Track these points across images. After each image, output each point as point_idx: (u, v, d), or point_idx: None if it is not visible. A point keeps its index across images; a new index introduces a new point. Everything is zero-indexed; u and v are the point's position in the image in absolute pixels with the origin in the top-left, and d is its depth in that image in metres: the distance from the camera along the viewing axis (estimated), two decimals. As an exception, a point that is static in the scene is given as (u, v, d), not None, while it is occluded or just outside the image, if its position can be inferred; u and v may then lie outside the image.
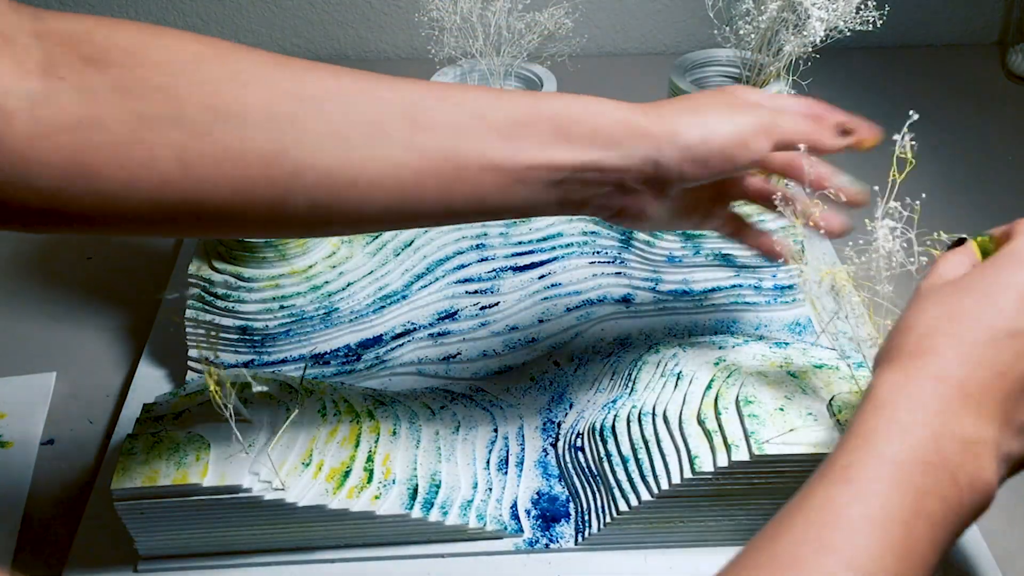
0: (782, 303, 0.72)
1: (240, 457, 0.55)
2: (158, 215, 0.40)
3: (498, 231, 0.73)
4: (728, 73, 0.72)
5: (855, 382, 0.55)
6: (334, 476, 0.56)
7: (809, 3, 0.59)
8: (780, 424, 0.53)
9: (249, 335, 0.67)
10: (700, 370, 0.59)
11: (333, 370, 0.69)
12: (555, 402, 0.67)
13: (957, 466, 0.35)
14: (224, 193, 0.39)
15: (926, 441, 0.35)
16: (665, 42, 1.17)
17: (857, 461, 0.35)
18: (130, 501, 0.54)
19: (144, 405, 0.58)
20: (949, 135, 0.98)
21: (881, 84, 1.09)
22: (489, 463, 0.61)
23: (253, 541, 0.57)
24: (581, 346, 0.72)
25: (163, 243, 0.87)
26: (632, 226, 0.52)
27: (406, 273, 0.71)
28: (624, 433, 0.58)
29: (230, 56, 0.41)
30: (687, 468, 0.54)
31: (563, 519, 0.59)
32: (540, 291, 0.73)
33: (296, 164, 0.40)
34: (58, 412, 0.70)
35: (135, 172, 0.38)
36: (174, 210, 0.40)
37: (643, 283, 0.73)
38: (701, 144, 0.45)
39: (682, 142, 0.45)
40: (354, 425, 0.59)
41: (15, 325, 0.79)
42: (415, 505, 0.56)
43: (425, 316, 0.71)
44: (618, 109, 0.45)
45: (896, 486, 0.34)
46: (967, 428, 0.36)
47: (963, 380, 0.37)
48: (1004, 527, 0.59)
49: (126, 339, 0.77)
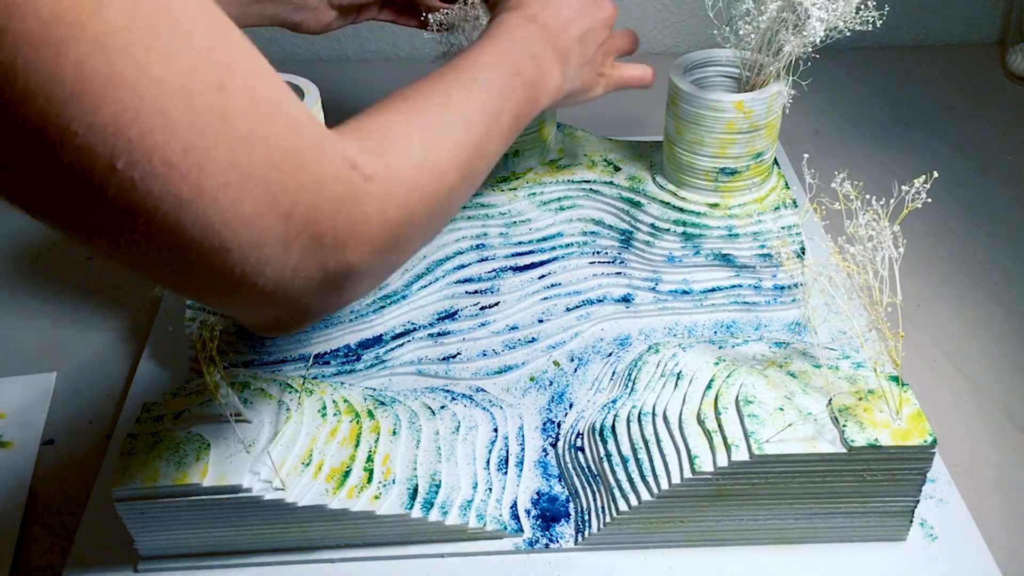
0: (782, 303, 0.72)
1: (240, 457, 0.55)
2: None
3: (498, 231, 0.73)
4: (728, 73, 0.72)
5: (855, 382, 0.55)
6: (334, 476, 0.56)
7: (809, 3, 0.59)
8: (780, 424, 0.53)
9: (249, 335, 0.67)
10: (700, 370, 0.59)
11: (333, 370, 0.68)
12: (555, 402, 0.67)
13: (531, 63, 0.54)
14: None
15: (512, 48, 0.53)
16: (665, 42, 1.17)
17: (466, 58, 0.51)
18: (130, 501, 0.54)
19: (144, 405, 0.58)
20: (949, 135, 0.98)
21: (881, 84, 1.09)
22: (489, 463, 0.61)
23: (253, 541, 0.57)
24: (581, 346, 0.72)
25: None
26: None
27: (406, 273, 0.71)
28: (624, 433, 0.58)
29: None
30: (687, 468, 0.54)
31: (563, 519, 0.59)
32: (540, 291, 0.73)
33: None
34: (58, 412, 0.70)
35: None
36: None
37: (643, 283, 0.73)
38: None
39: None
40: (354, 425, 0.59)
41: (15, 325, 0.79)
42: (415, 505, 0.56)
43: (425, 316, 0.71)
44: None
45: (492, 68, 0.51)
46: (537, 47, 0.55)
47: (542, 22, 0.56)
48: (1004, 527, 0.59)
49: (126, 339, 0.77)
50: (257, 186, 0.32)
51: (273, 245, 0.34)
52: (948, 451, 0.63)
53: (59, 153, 0.28)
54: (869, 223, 0.51)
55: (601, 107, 1.03)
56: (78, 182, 0.29)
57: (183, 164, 0.30)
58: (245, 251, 0.33)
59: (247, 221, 0.33)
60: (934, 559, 0.56)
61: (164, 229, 0.31)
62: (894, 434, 0.51)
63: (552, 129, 0.76)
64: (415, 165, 0.41)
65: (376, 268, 0.40)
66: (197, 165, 0.30)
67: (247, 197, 0.32)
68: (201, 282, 0.35)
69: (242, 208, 0.32)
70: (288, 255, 0.35)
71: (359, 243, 0.37)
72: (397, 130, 0.42)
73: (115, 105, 0.28)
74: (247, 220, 0.33)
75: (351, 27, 1.13)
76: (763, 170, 0.70)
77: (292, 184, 0.34)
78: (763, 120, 0.67)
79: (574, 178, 0.74)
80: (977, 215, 0.86)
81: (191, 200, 0.31)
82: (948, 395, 0.68)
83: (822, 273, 0.55)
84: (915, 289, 0.77)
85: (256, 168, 0.32)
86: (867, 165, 0.92)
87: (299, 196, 0.34)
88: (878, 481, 0.53)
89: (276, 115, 0.33)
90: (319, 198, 0.35)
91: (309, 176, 0.34)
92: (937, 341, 0.73)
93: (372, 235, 0.38)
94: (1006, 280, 0.79)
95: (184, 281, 0.35)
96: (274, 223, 0.33)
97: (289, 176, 0.33)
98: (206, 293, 0.36)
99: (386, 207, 0.39)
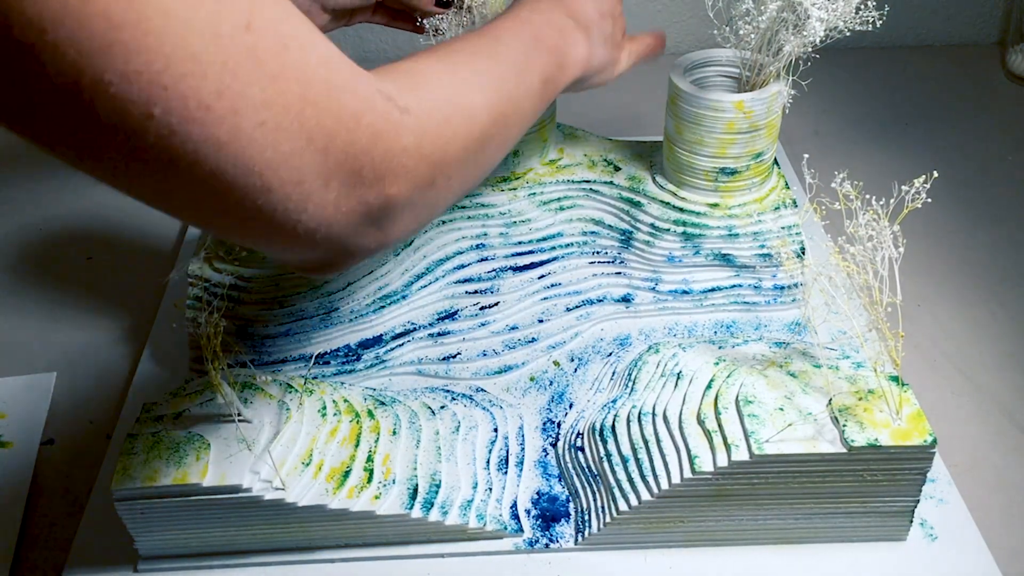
0: (782, 303, 0.72)
1: (240, 457, 0.55)
2: None
3: (498, 231, 0.73)
4: (728, 73, 0.72)
5: (855, 382, 0.55)
6: (334, 476, 0.56)
7: (809, 3, 0.59)
8: (780, 424, 0.53)
9: (249, 335, 0.67)
10: (700, 370, 0.59)
11: (333, 370, 0.69)
12: (555, 402, 0.67)
13: (554, 32, 0.54)
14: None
15: (531, 19, 0.53)
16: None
17: (487, 27, 0.51)
18: (130, 501, 0.54)
19: (144, 405, 0.58)
20: (949, 135, 0.98)
21: (881, 84, 1.09)
22: (489, 463, 0.61)
23: (253, 541, 0.57)
24: (581, 346, 0.72)
25: (163, 243, 0.87)
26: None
27: (406, 273, 0.71)
28: (624, 433, 0.58)
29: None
30: (687, 468, 0.54)
31: (563, 519, 0.59)
32: (540, 291, 0.73)
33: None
34: (58, 412, 0.70)
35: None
36: None
37: (643, 283, 0.73)
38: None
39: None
40: (354, 425, 0.59)
41: (15, 325, 0.79)
42: (415, 505, 0.56)
43: (425, 316, 0.71)
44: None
45: (514, 34, 0.51)
46: (557, 17, 0.55)
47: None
48: (1004, 527, 0.59)
49: (126, 339, 0.77)
50: (293, 123, 0.33)
51: (313, 181, 0.34)
52: (948, 451, 0.63)
53: (96, 104, 0.28)
54: (869, 223, 0.51)
55: (601, 107, 1.04)
56: (117, 131, 0.29)
57: (218, 107, 0.30)
58: (287, 189, 0.34)
59: (286, 158, 0.33)
60: (934, 559, 0.56)
61: (206, 173, 0.31)
62: (894, 434, 0.51)
63: (552, 129, 0.76)
64: (447, 103, 0.42)
65: (415, 204, 0.40)
66: (232, 107, 0.30)
67: (284, 135, 0.32)
68: (247, 224, 0.35)
69: (280, 146, 0.32)
70: (328, 190, 0.35)
71: (397, 175, 0.38)
72: (428, 72, 0.43)
73: (146, 53, 0.28)
74: (286, 157, 0.33)
75: (351, 27, 1.13)
76: (763, 170, 0.70)
77: (328, 119, 0.34)
78: (763, 120, 0.67)
79: (574, 178, 0.74)
80: (977, 215, 0.86)
81: (229, 142, 0.31)
82: (948, 395, 0.68)
83: (822, 273, 0.55)
84: (915, 289, 0.77)
85: (291, 105, 0.32)
86: (867, 165, 0.92)
87: (335, 130, 0.34)
88: (878, 481, 0.53)
89: (306, 52, 0.33)
90: (355, 131, 0.35)
91: (345, 110, 0.35)
92: (937, 341, 0.73)
93: (409, 168, 0.38)
94: (1006, 280, 0.79)
95: (230, 224, 0.35)
96: (312, 159, 0.34)
97: (324, 111, 0.34)
98: (252, 234, 0.37)
99: (422, 140, 0.39)
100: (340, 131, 0.35)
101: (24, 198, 0.95)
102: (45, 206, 0.93)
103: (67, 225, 0.91)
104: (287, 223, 0.35)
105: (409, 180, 0.39)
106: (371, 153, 0.36)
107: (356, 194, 0.36)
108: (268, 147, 0.32)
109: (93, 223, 0.91)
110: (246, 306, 0.67)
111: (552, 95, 0.54)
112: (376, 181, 0.37)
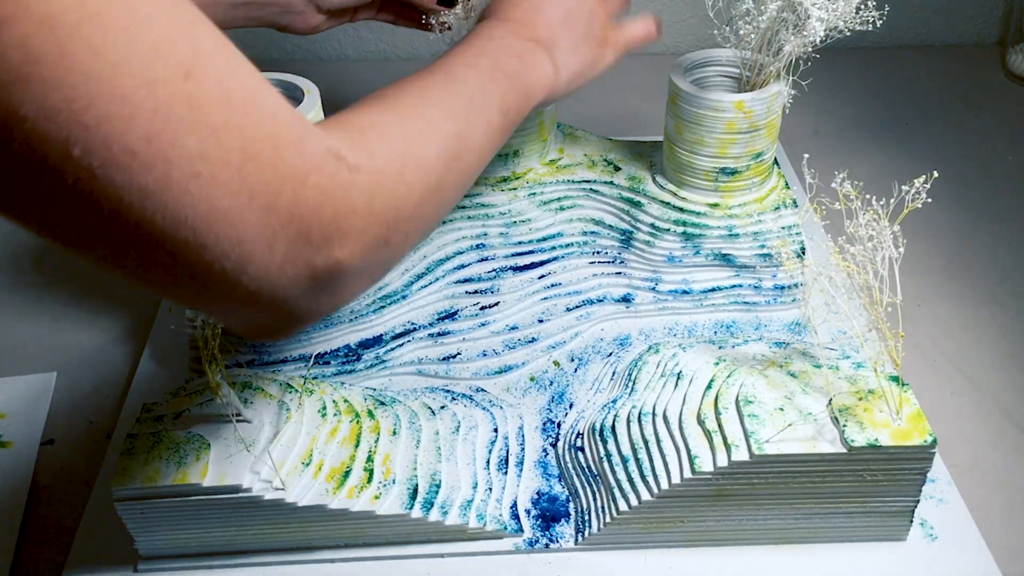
0: (782, 303, 0.72)
1: (240, 457, 0.55)
2: None
3: (498, 231, 0.73)
4: (728, 73, 0.72)
5: (855, 382, 0.55)
6: (334, 476, 0.56)
7: (809, 3, 0.59)
8: (780, 424, 0.53)
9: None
10: (700, 370, 0.59)
11: (333, 370, 0.69)
12: (555, 402, 0.67)
13: (511, 58, 0.53)
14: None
15: (487, 47, 0.53)
16: (665, 42, 1.17)
17: (440, 61, 0.50)
18: (130, 501, 0.54)
19: (144, 405, 0.58)
20: (949, 135, 0.98)
21: (881, 84, 1.09)
22: (489, 463, 0.61)
23: (253, 541, 0.57)
24: (581, 346, 0.72)
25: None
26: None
27: (406, 273, 0.71)
28: (624, 433, 0.58)
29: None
30: (687, 468, 0.54)
31: (563, 519, 0.59)
32: (540, 291, 0.73)
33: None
34: (58, 412, 0.70)
35: None
36: None
37: (643, 283, 0.73)
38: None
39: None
40: (354, 425, 0.59)
41: (15, 325, 0.79)
42: (415, 505, 0.56)
43: (425, 316, 0.71)
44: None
45: (468, 66, 0.50)
46: (514, 42, 0.54)
47: (517, 19, 0.56)
48: (1004, 527, 0.59)
49: (126, 339, 0.77)
50: (232, 178, 0.31)
51: (255, 241, 0.33)
52: (948, 451, 0.63)
53: (9, 138, 0.27)
54: (869, 223, 0.51)
55: (601, 107, 1.04)
56: (33, 170, 0.28)
57: (147, 153, 0.29)
58: (223, 247, 0.32)
59: (224, 215, 0.31)
60: (934, 559, 0.56)
61: (132, 222, 0.30)
62: (894, 434, 0.51)
63: (552, 129, 0.76)
64: (399, 157, 0.40)
65: (368, 266, 0.39)
66: (163, 155, 0.29)
67: (222, 190, 0.31)
68: (181, 283, 0.33)
69: (217, 201, 0.31)
70: (272, 252, 0.33)
71: (347, 238, 0.36)
72: (378, 124, 0.41)
73: (67, 89, 0.27)
74: (224, 214, 0.31)
75: (351, 27, 1.13)
76: (763, 170, 0.70)
77: (272, 176, 0.32)
78: (763, 120, 0.67)
79: (574, 178, 0.74)
80: (977, 215, 0.86)
81: (158, 192, 0.29)
82: (948, 395, 0.68)
83: (822, 273, 0.55)
84: (915, 289, 0.77)
85: (230, 159, 0.31)
86: (867, 165, 0.92)
87: (280, 189, 0.33)
88: (878, 481, 0.53)
89: (250, 105, 0.32)
90: (302, 190, 0.34)
91: (290, 168, 0.33)
92: (937, 341, 0.73)
93: (360, 229, 0.37)
94: (1006, 280, 0.79)
95: (163, 282, 0.34)
96: (254, 217, 0.32)
97: (268, 168, 0.32)
98: (187, 294, 0.35)
99: (373, 199, 0.37)
100: (285, 190, 0.33)
101: (24, 198, 0.95)
102: (45, 206, 0.93)
103: (67, 225, 0.91)
104: (226, 284, 0.33)
105: (359, 242, 0.37)
106: (319, 215, 0.34)
107: (303, 258, 0.34)
108: (202, 201, 0.30)
109: (93, 223, 0.91)
110: (246, 306, 0.67)
111: (515, 122, 0.52)
112: (324, 244, 0.35)
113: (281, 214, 0.33)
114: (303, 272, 0.35)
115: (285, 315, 0.37)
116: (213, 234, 0.31)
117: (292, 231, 0.34)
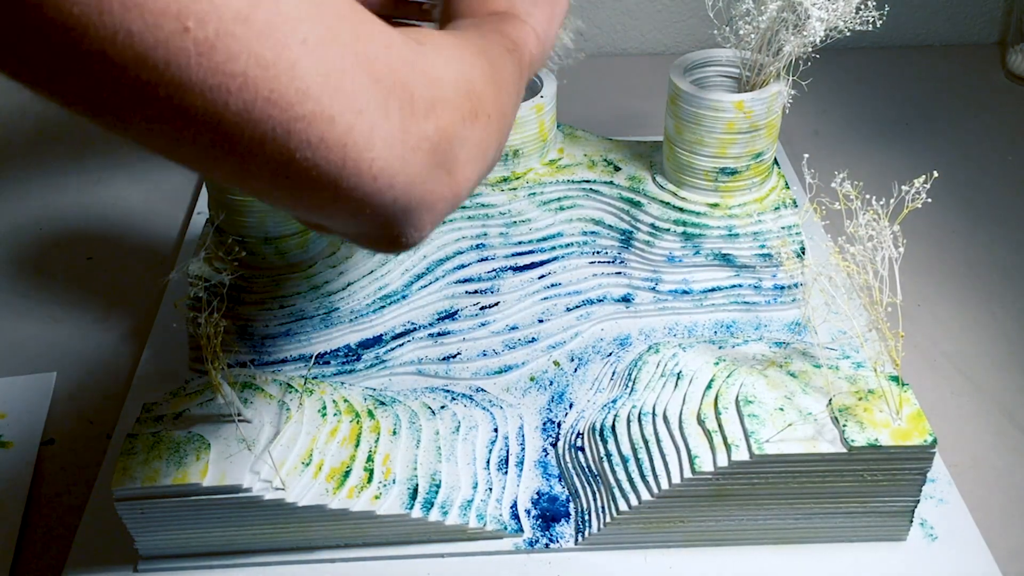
0: (782, 303, 0.72)
1: (240, 457, 0.55)
2: None
3: (498, 231, 0.73)
4: (728, 73, 0.72)
5: (855, 382, 0.55)
6: (334, 476, 0.56)
7: (809, 3, 0.59)
8: (780, 424, 0.53)
9: (249, 335, 0.67)
10: (700, 370, 0.59)
11: (333, 370, 0.69)
12: (555, 402, 0.67)
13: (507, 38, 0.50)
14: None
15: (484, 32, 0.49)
16: (665, 42, 1.17)
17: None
18: (130, 501, 0.54)
19: (144, 405, 0.58)
20: (949, 135, 0.98)
21: (881, 84, 1.09)
22: (489, 463, 0.61)
23: (253, 541, 0.57)
24: (581, 346, 0.72)
25: (163, 243, 0.88)
26: None
27: (406, 273, 0.71)
28: (624, 433, 0.58)
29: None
30: (687, 468, 0.54)
31: (563, 519, 0.59)
32: (540, 291, 0.73)
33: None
34: (58, 412, 0.70)
35: None
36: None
37: (643, 283, 0.73)
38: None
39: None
40: (354, 425, 0.59)
41: (15, 325, 0.79)
42: (415, 505, 0.56)
43: (425, 316, 0.71)
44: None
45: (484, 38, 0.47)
46: (500, 27, 0.50)
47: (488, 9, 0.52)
48: (1004, 527, 0.59)
49: (126, 339, 0.77)
50: (334, 41, 0.32)
51: (372, 109, 0.33)
52: (948, 451, 0.63)
53: (130, 17, 0.27)
54: (869, 223, 0.51)
55: (601, 107, 1.04)
56: (160, 59, 0.28)
57: (256, 18, 0.29)
58: (348, 117, 0.33)
59: (339, 80, 0.32)
60: (934, 559, 0.56)
61: (258, 99, 0.30)
62: (894, 434, 0.51)
63: (552, 129, 0.77)
64: (453, 46, 0.42)
65: (467, 140, 0.39)
66: (269, 20, 0.29)
67: (328, 52, 0.32)
68: (319, 172, 0.33)
69: (329, 64, 0.32)
70: (389, 119, 0.34)
71: (443, 104, 0.37)
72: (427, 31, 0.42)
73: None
74: (339, 78, 0.32)
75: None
76: (763, 170, 0.70)
77: (363, 41, 0.33)
78: (763, 120, 0.67)
79: (574, 178, 0.74)
80: (977, 215, 0.86)
81: (275, 61, 0.30)
82: (948, 395, 0.68)
83: (822, 273, 0.55)
84: (915, 289, 0.77)
85: (327, 22, 0.32)
86: (867, 165, 0.92)
87: (375, 53, 0.34)
88: (878, 481, 0.53)
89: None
90: (391, 56, 0.34)
91: (375, 33, 0.34)
92: (937, 341, 0.73)
93: (449, 98, 0.38)
94: (1006, 280, 0.79)
95: (302, 174, 0.33)
96: (364, 81, 0.33)
97: (359, 32, 0.33)
98: (323, 187, 0.34)
99: (447, 71, 0.39)
100: (379, 53, 0.34)
101: (24, 198, 0.95)
102: (45, 206, 0.93)
103: (67, 225, 0.91)
104: (360, 165, 0.34)
105: (452, 110, 0.38)
106: (412, 79, 0.35)
107: (415, 127, 0.35)
108: (317, 66, 0.31)
109: (93, 223, 0.91)
110: (246, 306, 0.67)
111: (527, 73, 0.51)
112: (428, 111, 0.36)
113: (384, 78, 0.34)
114: (421, 144, 0.36)
115: (416, 201, 0.37)
116: (337, 103, 0.32)
117: (399, 96, 0.35)
